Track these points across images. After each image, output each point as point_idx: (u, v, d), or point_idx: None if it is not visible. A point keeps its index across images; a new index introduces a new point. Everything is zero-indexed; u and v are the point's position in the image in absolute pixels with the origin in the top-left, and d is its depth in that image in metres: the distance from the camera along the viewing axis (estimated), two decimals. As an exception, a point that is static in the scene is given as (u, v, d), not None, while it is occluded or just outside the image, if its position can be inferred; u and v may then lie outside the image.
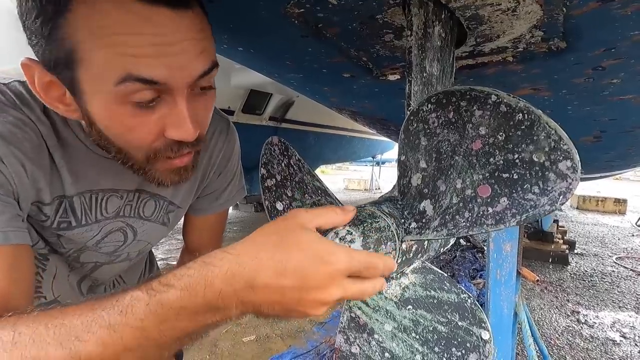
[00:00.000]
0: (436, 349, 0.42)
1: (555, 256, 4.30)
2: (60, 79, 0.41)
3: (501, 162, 0.35)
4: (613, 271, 4.11)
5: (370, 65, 0.78)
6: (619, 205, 8.36)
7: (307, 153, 6.85)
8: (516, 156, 0.35)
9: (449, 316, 0.43)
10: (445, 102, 0.40)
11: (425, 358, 0.43)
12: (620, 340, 2.64)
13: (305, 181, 0.54)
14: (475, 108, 0.38)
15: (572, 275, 3.95)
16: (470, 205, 0.37)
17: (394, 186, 0.51)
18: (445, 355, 0.42)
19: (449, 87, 0.59)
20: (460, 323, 0.42)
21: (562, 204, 0.32)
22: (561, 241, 4.62)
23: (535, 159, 0.33)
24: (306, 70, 0.85)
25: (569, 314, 3.03)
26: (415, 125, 0.44)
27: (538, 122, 0.33)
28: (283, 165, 0.56)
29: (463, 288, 0.43)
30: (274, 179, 0.57)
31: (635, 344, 2.60)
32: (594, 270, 4.11)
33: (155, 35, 0.38)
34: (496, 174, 0.36)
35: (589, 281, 3.77)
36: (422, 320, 0.43)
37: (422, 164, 0.43)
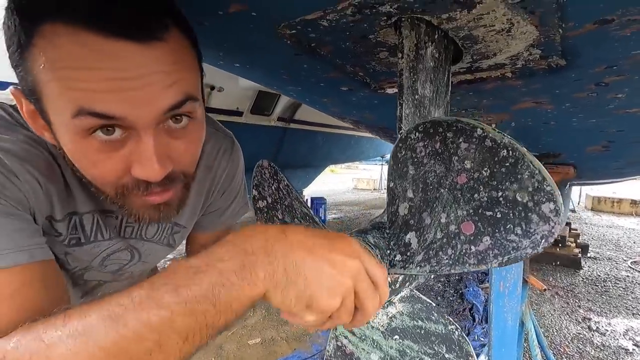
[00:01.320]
0: None
1: (566, 260, 4.21)
2: (35, 108, 0.41)
3: (485, 199, 0.35)
4: (627, 276, 4.00)
5: (368, 80, 0.78)
6: (636, 207, 8.13)
7: (316, 153, 6.85)
8: (500, 194, 0.34)
9: (435, 348, 0.42)
10: (432, 132, 0.40)
11: None
12: (633, 349, 2.57)
13: (294, 206, 0.53)
14: (461, 140, 0.37)
15: (585, 280, 3.87)
16: (453, 242, 0.37)
17: (384, 211, 0.50)
18: None
19: (443, 107, 0.58)
20: (447, 355, 0.41)
21: (544, 247, 0.31)
22: (573, 244, 4.52)
23: (519, 199, 0.32)
24: (304, 84, 0.85)
25: (580, 320, 2.97)
26: (403, 152, 0.43)
27: (522, 160, 0.32)
28: (273, 188, 0.56)
29: (450, 319, 0.42)
30: (265, 201, 0.58)
31: (649, 353, 2.53)
32: (608, 275, 4.02)
33: (113, 69, 0.36)
34: (480, 211, 0.35)
35: (601, 286, 3.69)
36: (408, 351, 0.43)
37: (409, 194, 0.42)
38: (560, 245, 4.36)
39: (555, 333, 2.76)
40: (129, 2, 0.37)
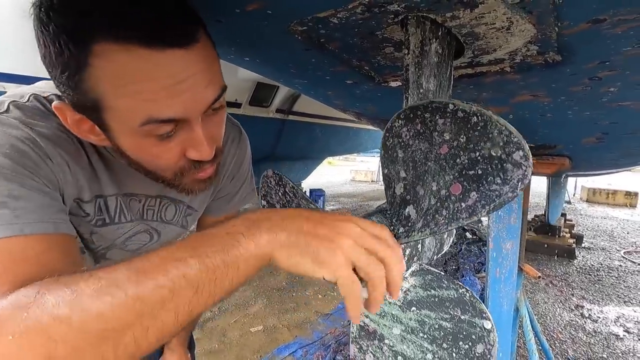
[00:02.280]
0: (444, 345, 0.45)
1: (561, 250, 4.29)
2: (89, 118, 0.45)
3: (466, 161, 0.40)
4: (620, 265, 4.09)
5: (372, 74, 0.81)
6: (630, 199, 8.24)
7: (314, 145, 6.86)
8: (477, 154, 0.39)
9: (451, 312, 0.46)
10: (412, 116, 0.45)
11: (436, 356, 0.46)
12: (624, 335, 2.66)
13: (302, 206, 0.57)
14: (437, 117, 0.42)
15: (578, 269, 3.95)
16: (446, 203, 0.41)
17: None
18: (454, 349, 0.45)
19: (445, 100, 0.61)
20: (462, 317, 0.45)
21: (522, 189, 0.36)
22: (568, 235, 4.60)
23: (493, 154, 0.37)
24: (310, 77, 0.88)
25: (573, 308, 3.05)
26: (391, 140, 0.48)
27: (490, 121, 0.38)
28: (280, 194, 0.60)
29: (460, 283, 0.46)
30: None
31: (639, 339, 2.61)
32: (601, 264, 4.11)
33: (167, 77, 0.41)
34: (463, 172, 0.40)
35: (595, 275, 3.77)
36: (427, 320, 0.47)
37: (402, 174, 0.47)
38: (555, 235, 4.44)
39: (549, 320, 2.84)
40: (167, 12, 0.40)
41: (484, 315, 0.44)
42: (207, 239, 0.36)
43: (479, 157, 0.39)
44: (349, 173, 13.24)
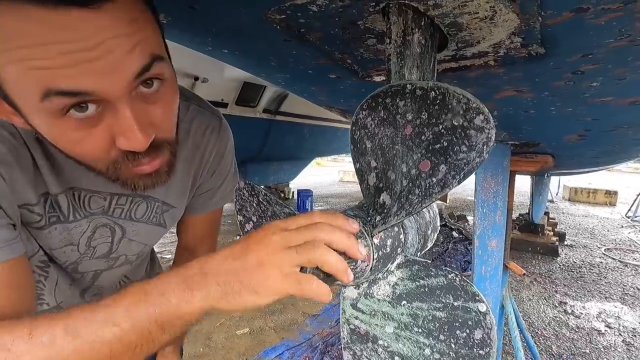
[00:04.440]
0: (441, 337, 0.43)
1: (545, 248, 4.37)
2: None
3: (430, 136, 0.40)
4: (601, 262, 4.19)
5: (355, 67, 0.79)
6: (610, 197, 8.48)
7: (302, 145, 6.85)
8: (441, 127, 0.39)
9: (443, 300, 0.44)
10: (375, 105, 0.45)
11: (434, 350, 0.43)
12: (605, 330, 2.71)
13: (277, 212, 0.56)
14: (398, 100, 0.43)
15: (561, 266, 4.03)
16: (417, 182, 0.41)
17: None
18: (452, 340, 0.42)
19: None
20: (455, 303, 0.43)
21: (488, 153, 0.36)
22: (551, 233, 4.69)
23: (455, 123, 0.37)
24: (292, 71, 0.85)
25: (556, 304, 3.10)
26: (358, 133, 0.48)
27: (447, 93, 0.38)
28: (255, 205, 0.58)
29: (449, 269, 0.44)
30: (251, 222, 0.60)
31: (620, 334, 2.67)
32: (583, 261, 4.20)
33: (67, 42, 0.33)
34: (430, 148, 0.40)
35: (577, 272, 3.85)
36: (419, 312, 0.45)
37: (373, 163, 0.47)
38: (539, 234, 4.52)
39: (534, 317, 2.88)
40: None
41: (477, 298, 0.42)
42: (140, 301, 0.36)
43: (442, 130, 0.39)
44: (337, 174, 13.25)
